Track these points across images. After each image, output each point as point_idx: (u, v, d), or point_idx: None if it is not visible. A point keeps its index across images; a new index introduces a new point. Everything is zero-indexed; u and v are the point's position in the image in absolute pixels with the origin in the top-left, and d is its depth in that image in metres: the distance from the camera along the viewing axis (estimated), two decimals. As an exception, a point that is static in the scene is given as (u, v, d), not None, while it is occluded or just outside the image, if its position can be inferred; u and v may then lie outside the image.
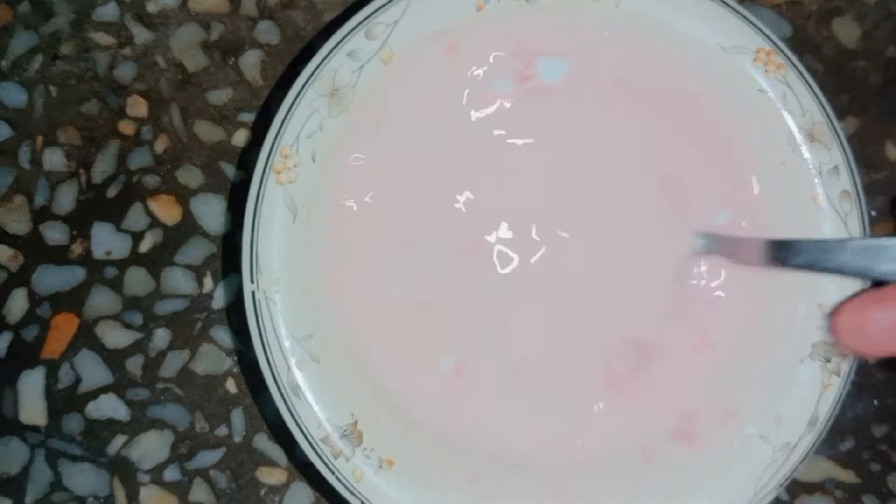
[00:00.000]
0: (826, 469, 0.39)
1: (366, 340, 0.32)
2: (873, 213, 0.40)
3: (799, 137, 0.33)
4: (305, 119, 0.31)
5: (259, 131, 0.39)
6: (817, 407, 0.33)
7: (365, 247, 0.33)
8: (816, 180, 0.33)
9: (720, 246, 0.34)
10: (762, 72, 0.33)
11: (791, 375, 0.33)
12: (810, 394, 0.33)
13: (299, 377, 0.30)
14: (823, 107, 0.33)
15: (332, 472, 0.30)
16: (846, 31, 0.41)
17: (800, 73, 0.33)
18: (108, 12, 0.39)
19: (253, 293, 0.30)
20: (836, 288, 0.32)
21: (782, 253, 0.32)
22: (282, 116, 0.31)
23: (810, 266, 0.31)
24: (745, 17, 0.34)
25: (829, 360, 0.33)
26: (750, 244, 0.33)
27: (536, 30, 0.33)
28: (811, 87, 0.33)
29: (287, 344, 0.30)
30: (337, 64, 0.31)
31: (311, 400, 0.30)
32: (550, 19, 0.34)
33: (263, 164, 0.31)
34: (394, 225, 0.33)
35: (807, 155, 0.33)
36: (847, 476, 0.39)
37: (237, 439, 0.37)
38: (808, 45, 0.40)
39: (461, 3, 0.32)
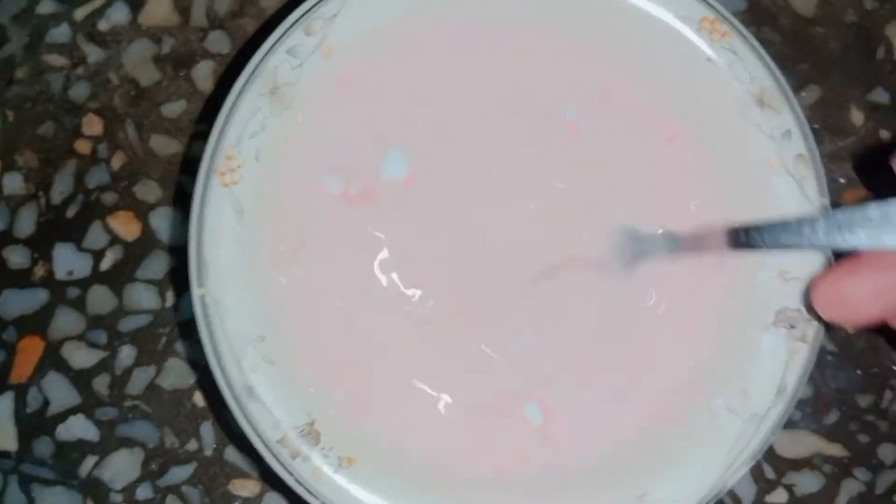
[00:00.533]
0: (812, 444, 0.38)
1: (317, 341, 0.32)
2: (842, 181, 0.39)
3: (749, 104, 0.33)
4: (248, 119, 0.31)
5: (214, 141, 0.38)
6: (784, 375, 0.32)
7: (315, 247, 0.32)
8: (770, 146, 0.32)
9: (683, 244, 0.33)
10: (707, 41, 0.33)
11: (755, 345, 0.32)
12: (776, 362, 0.32)
13: (253, 379, 0.30)
14: (772, 71, 0.33)
15: (290, 474, 0.30)
16: (802, -2, 0.40)
17: (745, 39, 0.33)
18: (61, 33, 0.39)
19: (202, 297, 0.30)
20: (795, 253, 0.32)
21: (745, 238, 0.31)
22: (223, 117, 0.31)
23: (777, 246, 0.31)
24: None
25: (793, 327, 0.32)
26: (713, 236, 0.32)
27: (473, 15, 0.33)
28: (758, 53, 0.33)
29: (238, 346, 0.30)
30: (277, 61, 0.31)
31: (267, 401, 0.30)
32: (492, 8, 0.33)
33: (207, 167, 0.31)
34: (345, 225, 0.33)
35: (758, 121, 0.32)
36: (835, 450, 0.38)
37: (208, 453, 0.37)
38: (764, 17, 0.40)
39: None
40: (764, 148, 0.32)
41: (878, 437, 0.38)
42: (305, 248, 0.32)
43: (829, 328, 0.38)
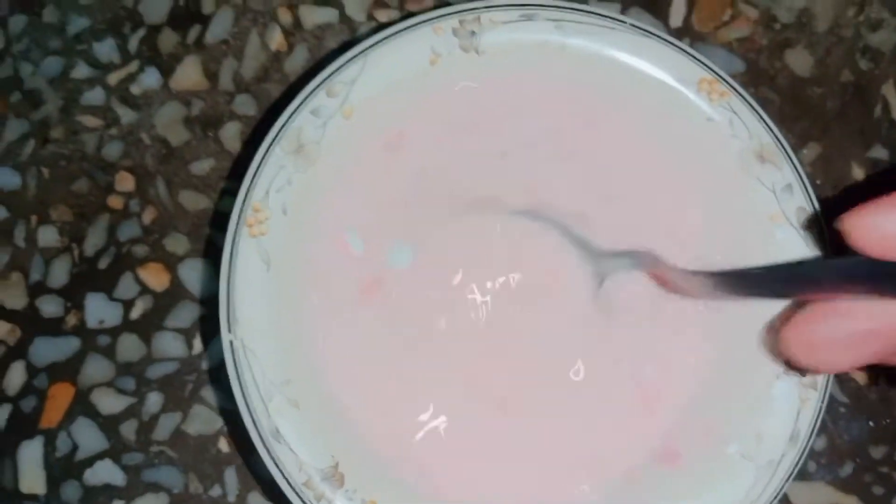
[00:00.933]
0: (828, 495, 0.38)
1: (341, 387, 0.33)
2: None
3: (749, 160, 0.34)
4: (274, 175, 0.33)
5: (241, 196, 0.40)
6: (797, 422, 0.33)
7: (337, 296, 0.34)
8: (772, 199, 0.34)
9: (645, 264, 0.34)
10: (706, 101, 0.35)
11: (767, 393, 0.33)
12: (788, 410, 0.33)
13: (279, 422, 0.31)
14: (770, 128, 0.35)
15: (316, 516, 0.31)
16: (799, 60, 0.42)
17: (743, 98, 0.35)
18: (95, 96, 0.42)
19: (231, 342, 0.31)
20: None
21: (712, 285, 0.33)
22: (252, 172, 0.33)
23: (743, 294, 0.32)
24: (684, 51, 0.35)
25: (804, 375, 0.33)
26: (680, 274, 0.33)
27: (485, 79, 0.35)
28: (756, 111, 0.35)
29: (265, 390, 0.31)
30: (301, 122, 0.33)
31: (292, 444, 0.31)
32: (499, 68, 0.35)
33: (236, 219, 0.32)
34: (364, 275, 0.34)
35: (759, 175, 0.34)
36: (850, 501, 0.38)
37: (231, 499, 0.37)
38: (762, 78, 0.42)
39: (415, 59, 0.34)
40: (767, 201, 0.34)
41: (892, 488, 0.38)
42: (328, 298, 0.33)
43: (839, 378, 0.39)
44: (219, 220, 0.40)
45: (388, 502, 0.31)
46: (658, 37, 0.35)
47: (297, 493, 0.31)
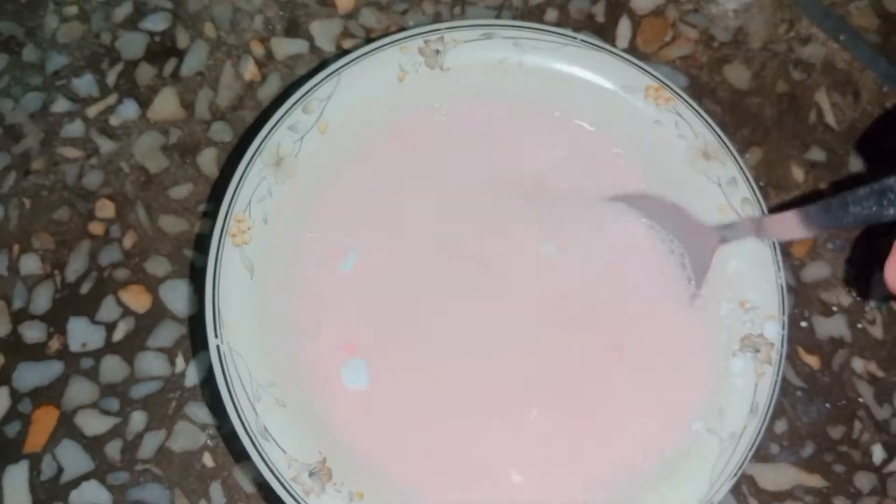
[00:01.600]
0: (792, 476, 0.40)
1: (322, 386, 0.34)
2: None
3: (696, 157, 0.37)
4: (255, 186, 0.34)
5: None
6: (755, 395, 0.35)
7: (320, 301, 0.35)
8: (718, 192, 0.37)
9: (745, 229, 0.36)
10: (654, 105, 0.38)
11: (726, 370, 0.35)
12: (746, 384, 0.35)
13: (267, 421, 0.32)
14: (713, 128, 0.38)
15: (305, 510, 0.32)
16: (737, 74, 0.46)
17: (687, 102, 0.38)
18: (75, 129, 0.43)
19: (218, 346, 0.33)
20: (752, 285, 0.35)
21: (818, 218, 0.33)
22: (234, 185, 0.34)
23: (838, 223, 0.32)
24: (631, 62, 0.38)
25: (758, 351, 0.35)
26: (782, 218, 0.34)
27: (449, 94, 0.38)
28: (699, 113, 0.38)
29: (252, 391, 0.32)
30: (280, 136, 0.35)
31: (280, 441, 0.32)
32: (463, 84, 0.38)
33: (220, 229, 0.34)
34: (347, 280, 0.36)
35: (705, 170, 0.37)
36: (814, 481, 0.40)
37: (218, 512, 0.38)
38: (704, 91, 0.45)
39: (384, 76, 0.37)
40: (714, 193, 0.37)
41: (852, 466, 0.40)
42: (310, 301, 0.35)
43: (794, 363, 0.41)
44: (198, 242, 0.42)
45: (374, 494, 0.32)
46: (606, 49, 0.38)
47: (286, 489, 0.32)
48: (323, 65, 0.44)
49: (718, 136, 0.37)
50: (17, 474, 0.38)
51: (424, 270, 0.36)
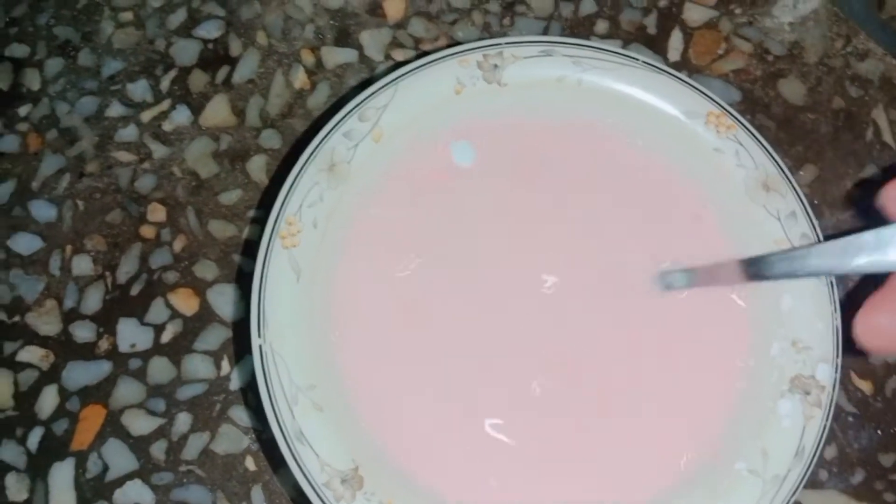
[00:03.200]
0: (840, 503, 0.39)
1: (361, 394, 0.34)
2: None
3: (755, 188, 0.36)
4: (307, 190, 0.35)
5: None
6: (802, 438, 0.34)
7: (364, 308, 0.35)
8: (777, 226, 0.36)
9: (698, 278, 0.36)
10: (714, 133, 0.37)
11: (773, 411, 0.34)
12: (794, 426, 0.34)
13: (303, 424, 0.32)
14: (774, 159, 0.37)
15: (334, 516, 0.32)
16: (791, 89, 0.45)
17: (749, 131, 0.37)
18: (129, 133, 0.44)
19: (260, 346, 0.33)
20: (806, 325, 0.35)
21: (757, 268, 0.33)
22: (286, 188, 0.35)
23: (787, 274, 0.32)
24: (693, 86, 0.38)
25: (808, 394, 0.34)
26: (727, 267, 0.35)
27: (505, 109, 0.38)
28: (761, 143, 0.37)
29: (291, 393, 0.32)
30: (334, 143, 0.35)
31: (314, 445, 0.32)
32: (520, 101, 0.38)
33: (270, 230, 0.34)
34: (392, 289, 0.36)
35: (765, 203, 0.36)
36: (863, 508, 0.39)
37: (259, 516, 0.38)
38: (757, 106, 0.44)
39: (441, 88, 0.37)
40: (771, 226, 0.36)
41: (903, 494, 0.39)
42: (355, 310, 0.35)
43: (846, 388, 0.40)
44: (246, 248, 0.42)
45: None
46: (668, 73, 0.38)
47: (317, 494, 0.32)
48: (371, 78, 0.45)
49: (780, 167, 0.37)
50: (64, 472, 0.39)
51: (471, 283, 0.36)
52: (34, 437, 0.39)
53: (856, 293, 0.40)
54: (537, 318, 0.36)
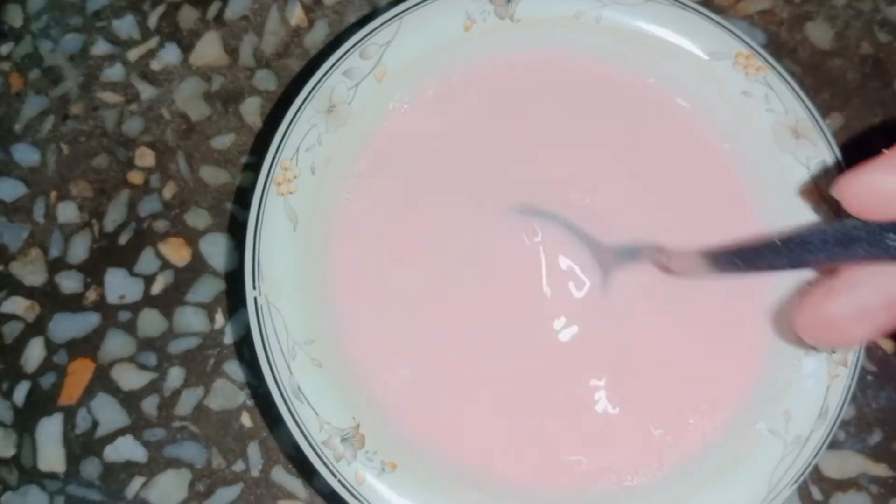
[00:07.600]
0: (858, 464, 0.38)
1: (362, 349, 0.32)
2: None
3: (784, 134, 0.34)
4: (304, 133, 0.32)
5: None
6: (826, 398, 0.32)
7: (362, 258, 0.33)
8: (806, 174, 0.34)
9: (647, 256, 0.34)
10: (742, 75, 0.35)
11: (797, 369, 0.32)
12: (818, 386, 0.32)
13: (301, 380, 0.31)
14: (806, 104, 0.34)
15: (334, 475, 0.30)
16: (819, 33, 0.42)
17: (780, 73, 0.35)
18: (115, 73, 0.41)
19: (255, 299, 0.31)
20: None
21: (712, 262, 0.31)
22: (282, 131, 0.32)
23: (742, 269, 0.31)
24: (721, 25, 0.35)
25: (834, 352, 0.32)
26: (681, 256, 0.33)
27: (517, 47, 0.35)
28: (792, 87, 0.34)
29: (288, 348, 0.31)
30: (334, 82, 0.33)
31: (313, 402, 0.31)
32: (533, 38, 0.35)
33: (265, 176, 0.32)
34: (393, 238, 0.34)
35: (794, 150, 0.34)
36: (881, 470, 0.38)
37: (254, 473, 0.37)
38: (783, 50, 0.42)
39: (450, 24, 0.34)
40: (799, 175, 0.34)
41: (921, 457, 0.38)
42: (355, 261, 0.33)
43: (867, 347, 0.39)
44: (240, 195, 0.40)
45: (408, 466, 0.31)
46: (695, 10, 0.35)
47: (316, 453, 0.30)
48: (374, 12, 0.42)
49: (811, 113, 0.34)
50: (52, 427, 0.37)
51: (477, 231, 0.34)
52: (20, 392, 0.37)
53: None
54: (549, 273, 0.34)
